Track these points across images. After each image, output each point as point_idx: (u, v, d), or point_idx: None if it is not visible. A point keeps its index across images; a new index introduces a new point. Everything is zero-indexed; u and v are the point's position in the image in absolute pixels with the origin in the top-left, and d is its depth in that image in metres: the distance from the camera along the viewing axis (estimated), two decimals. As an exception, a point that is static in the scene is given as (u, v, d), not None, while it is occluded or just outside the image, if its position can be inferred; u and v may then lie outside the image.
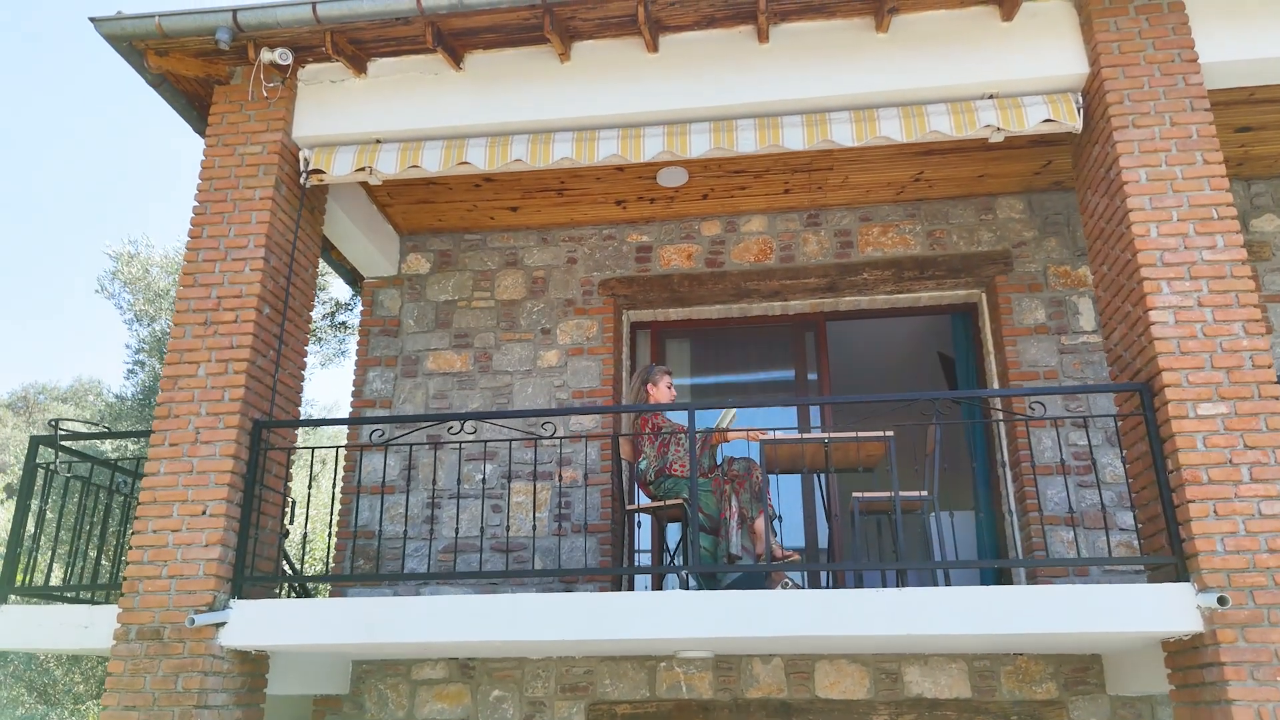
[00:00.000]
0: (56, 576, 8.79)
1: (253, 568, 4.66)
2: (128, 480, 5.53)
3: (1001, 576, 6.10)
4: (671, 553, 5.24)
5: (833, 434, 4.65)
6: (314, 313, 5.42)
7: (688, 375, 7.00)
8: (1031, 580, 5.63)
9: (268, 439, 4.83)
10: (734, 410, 5.09)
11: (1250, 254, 6.06)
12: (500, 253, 6.86)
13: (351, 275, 7.44)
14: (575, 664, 5.58)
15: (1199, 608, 3.89)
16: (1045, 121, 4.77)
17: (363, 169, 5.15)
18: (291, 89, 5.32)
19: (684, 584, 4.30)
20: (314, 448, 4.92)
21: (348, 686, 5.72)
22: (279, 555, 5.05)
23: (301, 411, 5.34)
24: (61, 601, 5.04)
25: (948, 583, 4.37)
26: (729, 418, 5.10)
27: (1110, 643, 4.65)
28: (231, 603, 4.47)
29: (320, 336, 11.41)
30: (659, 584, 5.12)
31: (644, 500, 5.49)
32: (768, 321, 6.76)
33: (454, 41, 5.13)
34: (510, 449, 5.14)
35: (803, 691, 5.38)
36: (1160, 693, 4.46)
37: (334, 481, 5.29)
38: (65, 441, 5.01)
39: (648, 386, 5.36)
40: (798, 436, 4.67)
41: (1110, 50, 4.67)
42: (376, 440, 5.19)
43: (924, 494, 4.52)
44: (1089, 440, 5.29)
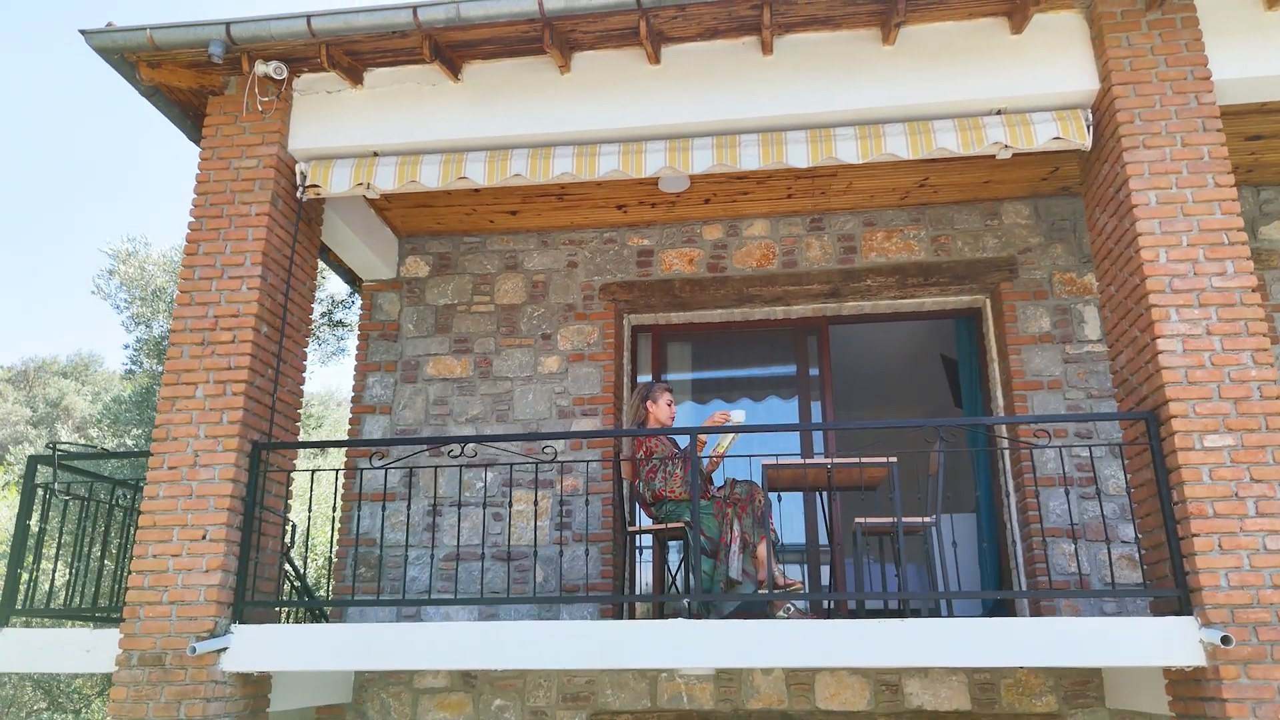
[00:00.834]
0: (59, 596, 8.79)
1: (254, 589, 4.65)
2: (128, 494, 5.51)
3: (1001, 580, 6.11)
4: (673, 574, 5.23)
5: (836, 459, 4.62)
6: (312, 303, 5.35)
7: (689, 371, 6.96)
8: (1033, 589, 5.63)
9: (267, 459, 4.81)
10: (731, 436, 5.04)
11: (1258, 262, 6.00)
12: (500, 256, 6.78)
13: (350, 274, 7.36)
14: (577, 674, 5.60)
15: (1202, 642, 3.88)
16: (1054, 139, 4.68)
17: (360, 184, 5.07)
18: (287, 100, 5.22)
19: (686, 610, 4.29)
20: (313, 471, 4.90)
21: (350, 695, 5.75)
22: (280, 573, 5.04)
23: (301, 411, 5.31)
24: (65, 618, 5.04)
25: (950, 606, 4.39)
26: (727, 442, 5.06)
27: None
28: (233, 628, 4.47)
29: (319, 336, 11.35)
30: (660, 606, 5.11)
31: (645, 521, 5.47)
32: (770, 325, 6.70)
33: (451, 53, 5.02)
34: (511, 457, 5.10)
35: (803, 702, 5.41)
36: (1160, 713, 4.47)
37: (334, 489, 5.28)
38: (64, 462, 4.98)
39: (647, 404, 5.28)
40: (800, 461, 4.64)
41: (1122, 67, 4.56)
42: (376, 464, 5.16)
43: (927, 519, 4.49)
44: (1091, 453, 5.25)
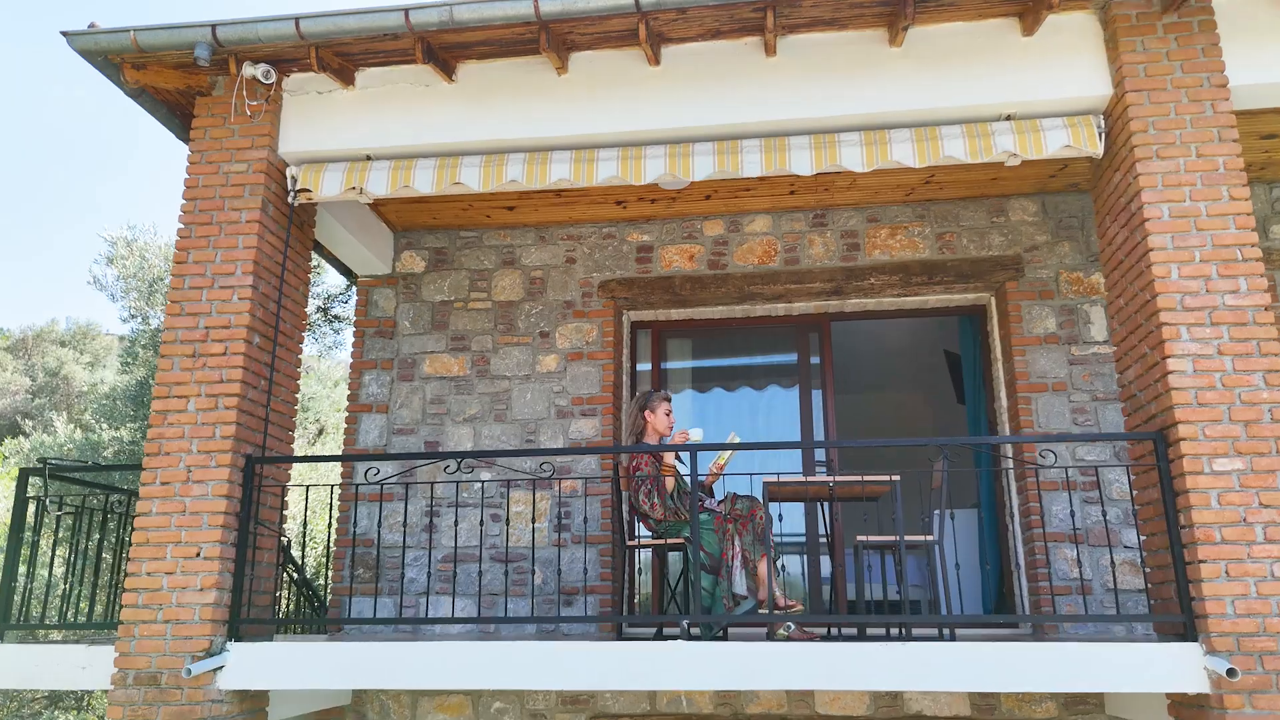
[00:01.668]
0: (55, 608, 8.75)
1: (250, 605, 4.61)
2: (123, 499, 5.46)
3: (1003, 583, 6.08)
4: (673, 588, 5.19)
5: (838, 477, 4.55)
6: (306, 307, 5.26)
7: (689, 359, 6.88)
8: (1034, 594, 5.60)
9: (261, 473, 4.74)
10: (730, 452, 4.97)
11: (1268, 262, 5.88)
12: (497, 251, 6.66)
13: (346, 267, 7.25)
14: (576, 679, 5.58)
15: (1206, 670, 3.84)
16: (1065, 148, 4.55)
17: (353, 188, 4.94)
18: (276, 101, 5.07)
19: (685, 631, 4.25)
20: (308, 485, 4.84)
21: (349, 698, 5.75)
22: (276, 583, 5.00)
23: (300, 411, 5.24)
24: (60, 629, 5.01)
25: (950, 610, 4.35)
26: (725, 457, 4.98)
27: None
28: (229, 645, 4.43)
29: (315, 332, 11.24)
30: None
31: (645, 534, 5.42)
32: (771, 322, 6.60)
33: (445, 54, 4.87)
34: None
35: (803, 708, 5.40)
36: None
37: (331, 492, 5.23)
38: (55, 476, 4.91)
39: (645, 413, 5.17)
40: (801, 479, 4.57)
41: (1136, 73, 4.42)
42: (372, 480, 5.09)
43: (930, 538, 4.44)
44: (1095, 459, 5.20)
